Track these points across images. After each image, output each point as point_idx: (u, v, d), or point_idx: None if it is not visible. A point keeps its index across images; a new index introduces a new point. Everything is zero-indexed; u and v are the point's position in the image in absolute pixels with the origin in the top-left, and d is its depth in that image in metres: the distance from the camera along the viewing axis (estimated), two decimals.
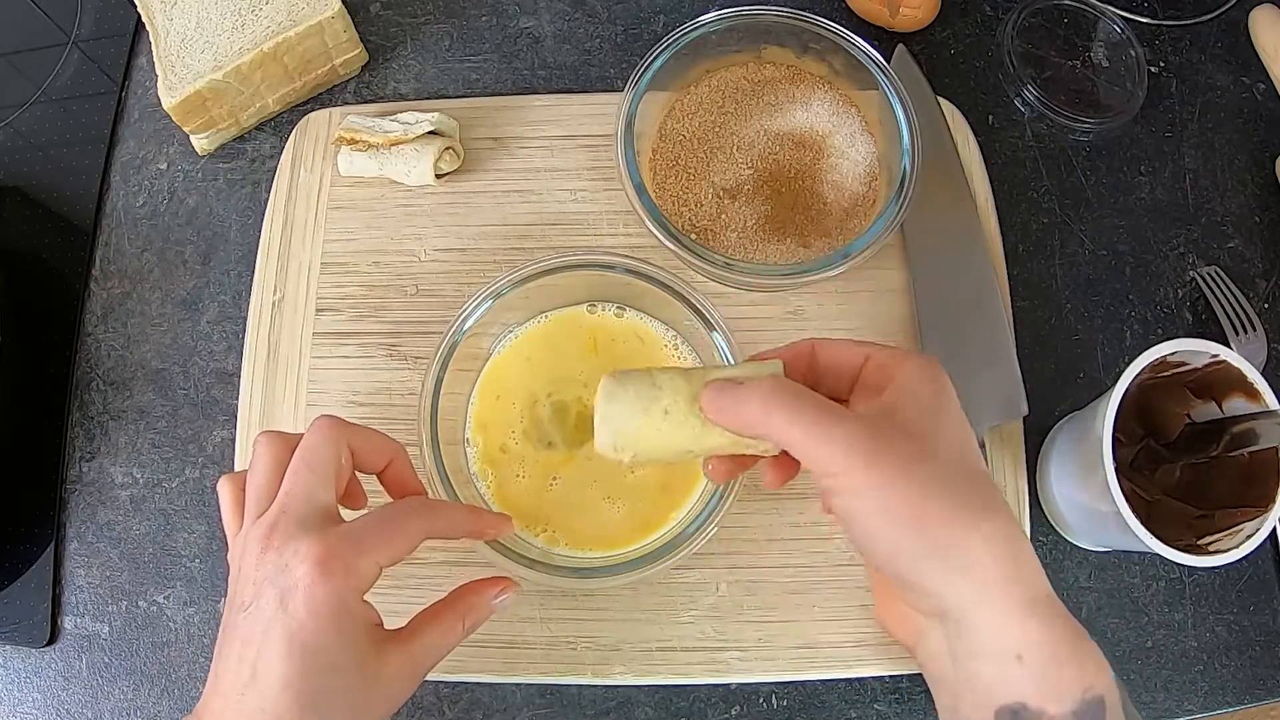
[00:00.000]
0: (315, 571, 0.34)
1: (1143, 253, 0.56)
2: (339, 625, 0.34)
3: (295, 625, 0.33)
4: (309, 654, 0.33)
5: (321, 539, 0.34)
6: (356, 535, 0.35)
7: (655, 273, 0.48)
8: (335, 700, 0.34)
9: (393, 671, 0.36)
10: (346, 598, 0.34)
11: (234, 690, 0.34)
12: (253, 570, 0.35)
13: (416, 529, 0.37)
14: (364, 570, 0.35)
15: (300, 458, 0.37)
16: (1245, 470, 0.43)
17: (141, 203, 0.59)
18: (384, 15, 0.62)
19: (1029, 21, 0.60)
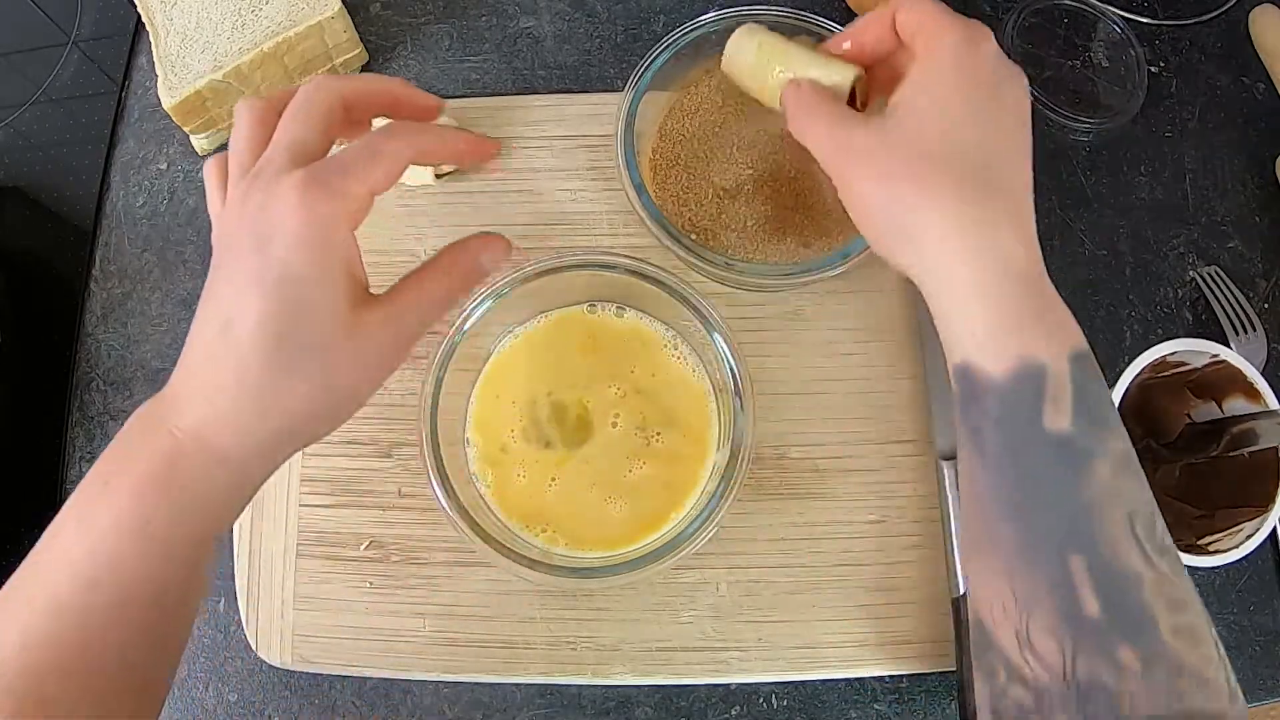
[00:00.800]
0: (296, 198, 0.31)
1: (1143, 253, 0.56)
2: (319, 256, 0.31)
3: (274, 260, 0.31)
4: (285, 291, 0.31)
5: (305, 170, 0.32)
6: (340, 160, 0.33)
7: (655, 273, 0.48)
8: (308, 350, 0.31)
9: (374, 325, 0.33)
10: (331, 225, 0.31)
11: (202, 351, 0.32)
12: (234, 224, 0.32)
13: (402, 147, 0.34)
14: (351, 192, 0.32)
15: (289, 112, 0.34)
16: (1245, 470, 0.43)
17: (141, 203, 0.59)
18: (384, 15, 0.62)
19: (1029, 21, 0.60)
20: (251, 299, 0.31)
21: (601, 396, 0.49)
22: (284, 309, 0.31)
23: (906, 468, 0.50)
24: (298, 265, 0.31)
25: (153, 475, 0.31)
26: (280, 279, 0.31)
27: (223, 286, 0.32)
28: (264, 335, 0.31)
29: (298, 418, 0.32)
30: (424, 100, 0.38)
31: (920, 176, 0.33)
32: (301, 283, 0.31)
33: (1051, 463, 0.30)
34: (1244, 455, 0.43)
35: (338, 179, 0.32)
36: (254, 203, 0.32)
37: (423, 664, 0.48)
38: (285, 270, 0.31)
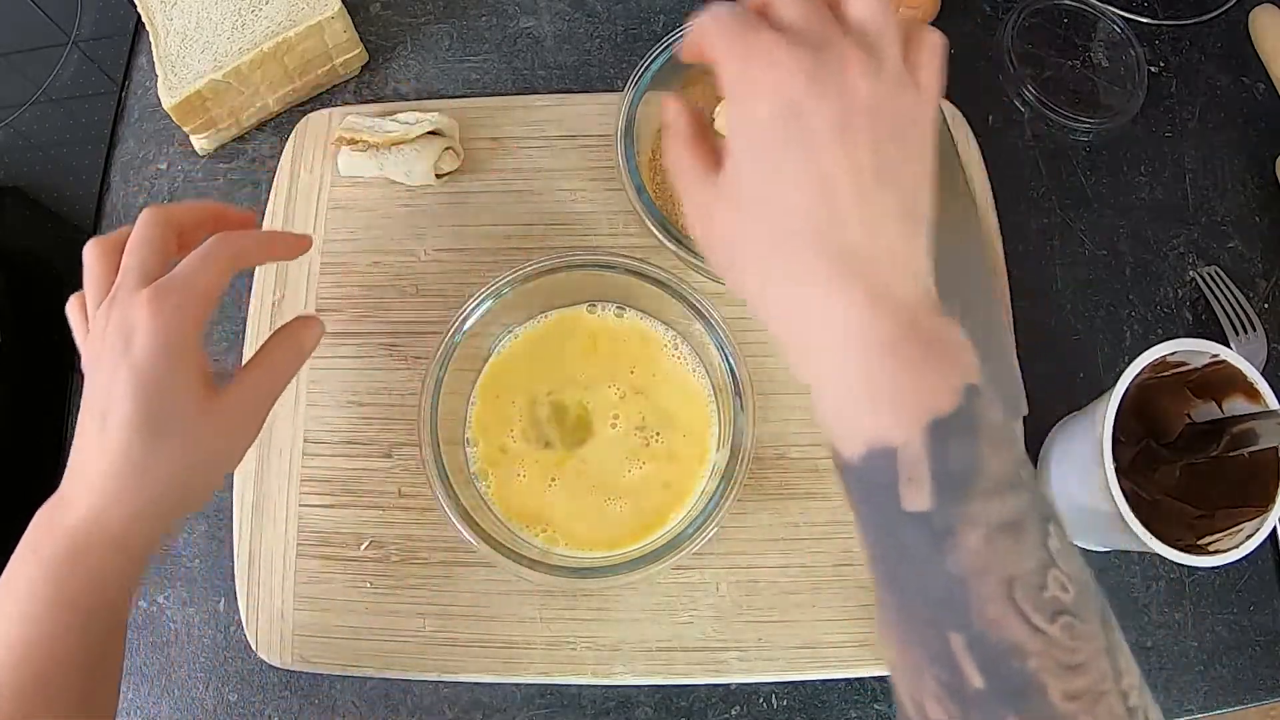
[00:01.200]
0: (147, 306, 0.37)
1: (1143, 253, 0.56)
2: (174, 357, 0.37)
3: (136, 362, 0.36)
4: (149, 387, 0.37)
5: (151, 285, 0.38)
6: (177, 274, 0.39)
7: (655, 273, 0.48)
8: (174, 425, 0.37)
9: (227, 408, 0.39)
10: (181, 331, 0.37)
11: (86, 446, 0.38)
12: (99, 342, 0.38)
13: (227, 255, 0.40)
14: (192, 301, 0.38)
15: (130, 246, 0.40)
16: (1245, 470, 0.43)
17: (141, 203, 0.58)
18: (384, 15, 0.62)
19: (1029, 21, 0.60)
20: (121, 393, 0.37)
21: (601, 396, 0.49)
22: (148, 396, 0.37)
23: None
24: (155, 358, 0.37)
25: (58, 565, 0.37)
26: (143, 372, 0.37)
27: (96, 391, 0.38)
28: (135, 420, 0.36)
29: (172, 486, 0.38)
30: (241, 215, 0.45)
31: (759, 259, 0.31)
32: (160, 371, 0.37)
33: (915, 541, 0.28)
34: (1244, 455, 0.43)
35: (178, 284, 0.38)
36: (113, 320, 0.38)
37: (423, 664, 0.48)
38: (146, 364, 0.37)
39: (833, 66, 0.29)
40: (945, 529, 0.28)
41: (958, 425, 0.28)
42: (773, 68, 0.29)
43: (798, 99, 0.29)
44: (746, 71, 0.30)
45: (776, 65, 0.29)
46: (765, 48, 0.29)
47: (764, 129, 0.30)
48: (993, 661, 0.27)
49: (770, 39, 0.30)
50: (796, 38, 0.30)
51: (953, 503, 0.28)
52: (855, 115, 0.30)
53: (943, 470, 0.28)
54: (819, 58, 0.29)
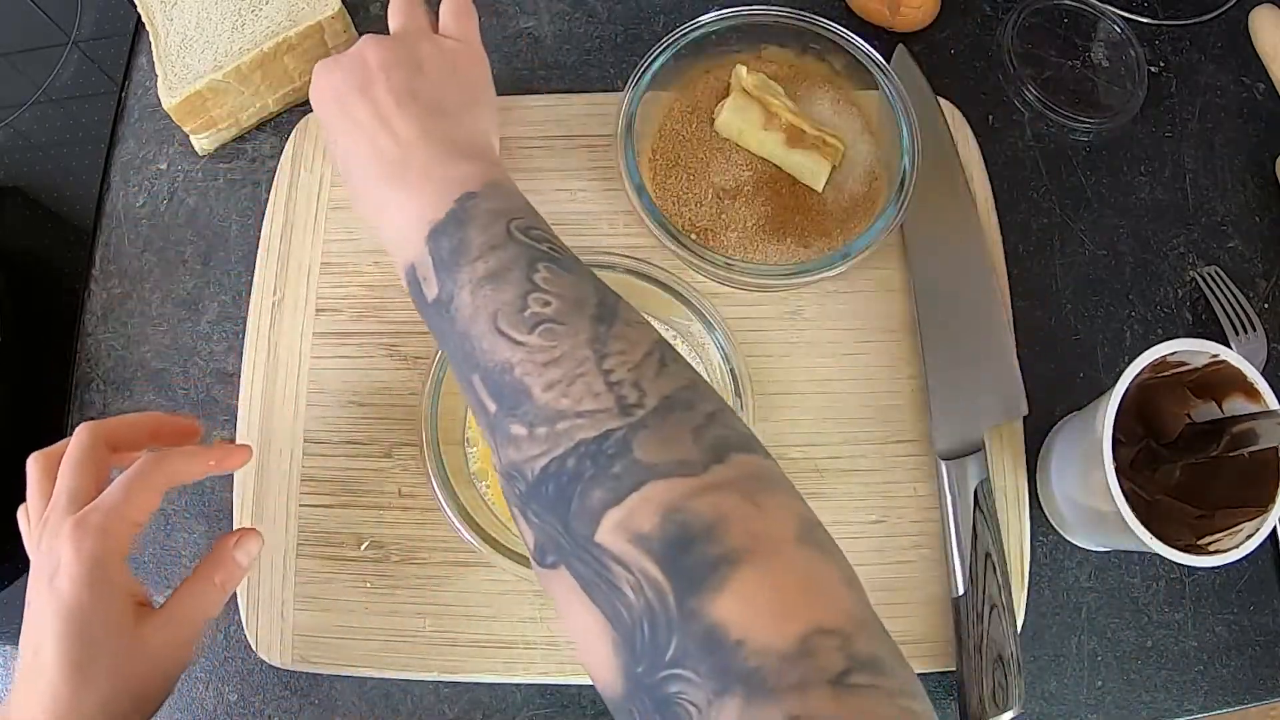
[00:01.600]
0: (71, 543, 0.37)
1: (1143, 253, 0.56)
2: (96, 591, 0.37)
3: (61, 598, 0.36)
4: (73, 623, 0.36)
5: (74, 518, 0.38)
6: (102, 502, 0.38)
7: (655, 273, 0.48)
8: (101, 667, 0.36)
9: (155, 638, 0.38)
10: (103, 562, 0.37)
11: (23, 679, 0.37)
12: (34, 563, 0.38)
13: (153, 481, 0.40)
14: (115, 530, 0.38)
15: (64, 465, 0.40)
16: (1245, 470, 0.43)
17: (141, 203, 0.59)
18: (384, 15, 0.62)
19: (1029, 21, 0.60)
20: (48, 629, 0.36)
21: None
22: (72, 634, 0.36)
23: (906, 468, 0.50)
24: (77, 597, 0.36)
25: None
26: (66, 610, 0.36)
27: (32, 617, 0.38)
28: (63, 656, 0.36)
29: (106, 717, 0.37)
30: (181, 424, 0.45)
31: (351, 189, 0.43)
32: (83, 610, 0.36)
33: (438, 319, 0.36)
34: (1244, 455, 0.43)
35: (100, 519, 0.38)
36: (45, 545, 0.38)
37: (423, 664, 0.48)
38: (69, 602, 0.36)
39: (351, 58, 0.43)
40: (447, 299, 0.35)
41: (447, 225, 0.36)
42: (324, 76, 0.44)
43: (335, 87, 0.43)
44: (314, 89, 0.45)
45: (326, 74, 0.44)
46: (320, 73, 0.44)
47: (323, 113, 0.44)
48: (495, 384, 0.33)
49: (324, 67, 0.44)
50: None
51: (448, 277, 0.35)
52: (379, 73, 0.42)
53: (439, 261, 0.36)
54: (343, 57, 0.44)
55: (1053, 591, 0.50)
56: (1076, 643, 0.49)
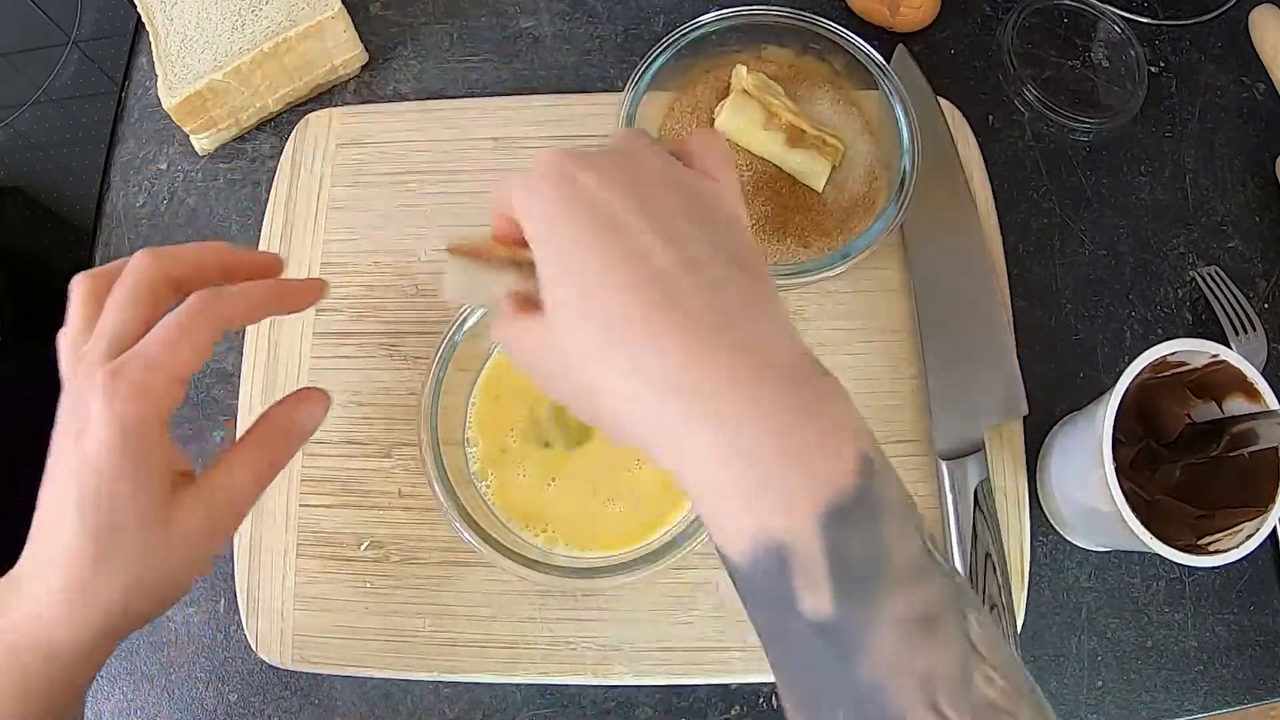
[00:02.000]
0: (104, 398, 0.32)
1: (1143, 253, 0.56)
2: (128, 453, 0.32)
3: (87, 457, 0.32)
4: (98, 493, 0.32)
5: (112, 366, 0.32)
6: (143, 351, 0.33)
7: None
8: (124, 549, 0.32)
9: (186, 515, 0.33)
10: (138, 421, 0.32)
11: (39, 536, 0.33)
12: (62, 407, 0.34)
13: (204, 325, 0.33)
14: (156, 387, 0.32)
15: (112, 299, 0.34)
16: (1245, 470, 0.43)
17: (141, 203, 0.59)
18: (384, 15, 0.62)
19: (1029, 21, 0.60)
20: (70, 491, 0.32)
21: None
22: (97, 505, 0.32)
23: (906, 468, 0.50)
24: (108, 461, 0.32)
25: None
26: (93, 476, 0.32)
27: (51, 470, 0.33)
28: (82, 532, 0.32)
29: (115, 606, 0.33)
30: (261, 260, 0.38)
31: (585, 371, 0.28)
32: (112, 478, 0.32)
33: (820, 650, 0.24)
34: (1244, 455, 0.43)
35: (140, 374, 0.32)
36: (75, 391, 0.33)
37: (423, 664, 0.48)
38: (96, 467, 0.32)
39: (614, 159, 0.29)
40: (852, 634, 0.24)
41: (856, 509, 0.24)
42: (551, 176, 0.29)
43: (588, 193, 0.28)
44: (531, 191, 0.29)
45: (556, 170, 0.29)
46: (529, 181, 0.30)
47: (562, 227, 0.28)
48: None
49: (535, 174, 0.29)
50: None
51: (859, 603, 0.24)
52: (653, 187, 0.28)
53: (843, 567, 0.24)
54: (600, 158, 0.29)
55: (1053, 591, 0.50)
56: (1076, 643, 0.49)
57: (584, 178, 0.28)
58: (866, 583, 0.24)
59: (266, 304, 0.36)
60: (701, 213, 0.29)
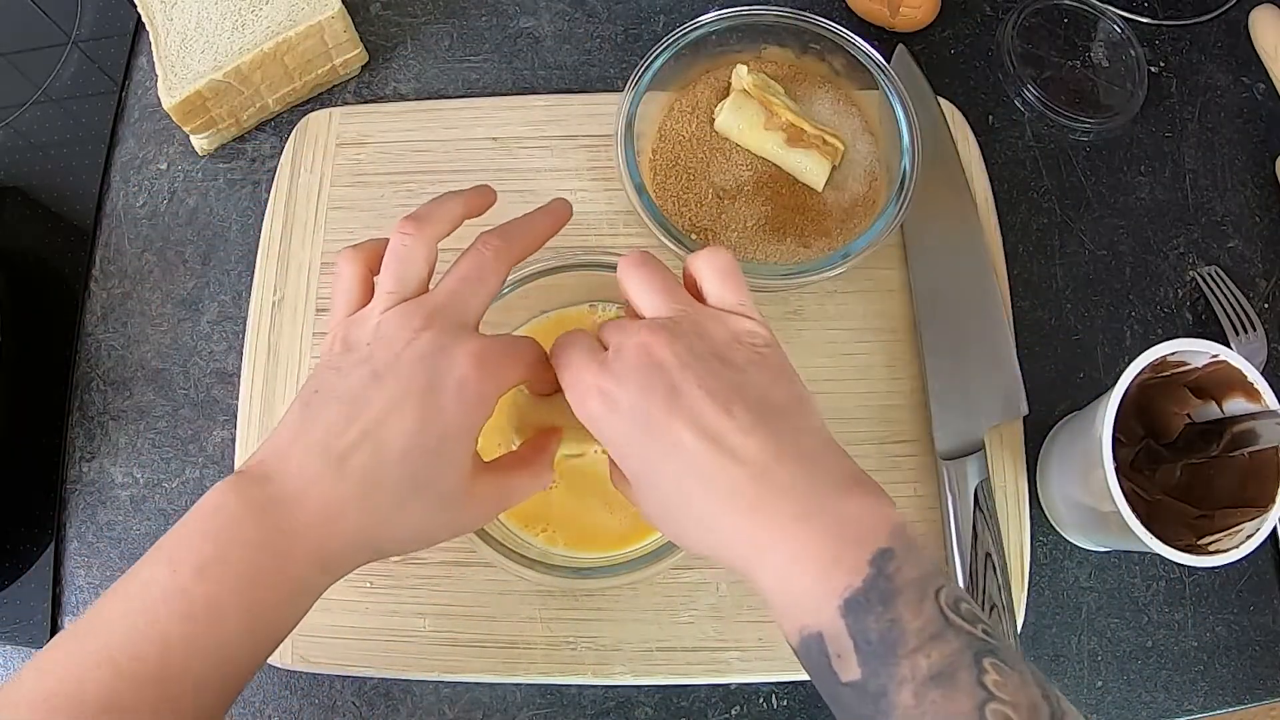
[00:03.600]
0: (476, 366, 0.34)
1: (1143, 253, 0.56)
2: (472, 425, 0.35)
3: (438, 408, 0.34)
4: (436, 437, 0.34)
5: (483, 340, 0.35)
6: (506, 345, 0.36)
7: None
8: (432, 494, 0.34)
9: (482, 493, 0.36)
10: (487, 401, 0.35)
11: (335, 449, 0.33)
12: (400, 341, 0.34)
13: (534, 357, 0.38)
14: (504, 381, 0.36)
15: (467, 272, 0.37)
16: (1245, 470, 0.43)
17: (141, 203, 0.59)
18: (384, 15, 0.62)
19: (1029, 21, 0.60)
20: (407, 429, 0.33)
21: None
22: (431, 449, 0.34)
23: (906, 468, 0.50)
24: (455, 423, 0.34)
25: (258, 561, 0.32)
26: (439, 424, 0.34)
27: (371, 402, 0.34)
28: (408, 465, 0.34)
29: (400, 543, 0.36)
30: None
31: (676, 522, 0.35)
32: (453, 436, 0.34)
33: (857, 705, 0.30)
34: (1244, 455, 0.43)
35: (498, 365, 0.35)
36: (428, 342, 0.34)
37: (423, 664, 0.48)
38: (445, 421, 0.34)
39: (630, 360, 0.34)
40: (879, 692, 0.29)
41: (870, 597, 0.30)
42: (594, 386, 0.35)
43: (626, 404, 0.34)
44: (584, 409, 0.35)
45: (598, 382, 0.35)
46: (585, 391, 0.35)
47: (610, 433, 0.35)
48: None
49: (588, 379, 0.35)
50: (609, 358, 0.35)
51: (881, 668, 0.29)
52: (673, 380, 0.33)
53: (865, 643, 0.29)
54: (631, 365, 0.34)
55: (1053, 591, 0.50)
56: (1076, 643, 0.49)
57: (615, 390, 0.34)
58: (886, 652, 0.29)
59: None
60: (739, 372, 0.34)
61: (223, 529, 0.33)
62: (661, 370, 0.33)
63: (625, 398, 0.33)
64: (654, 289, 0.37)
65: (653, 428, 0.33)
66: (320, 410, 0.34)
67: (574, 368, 0.35)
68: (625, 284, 0.38)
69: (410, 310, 0.35)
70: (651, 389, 0.33)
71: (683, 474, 0.33)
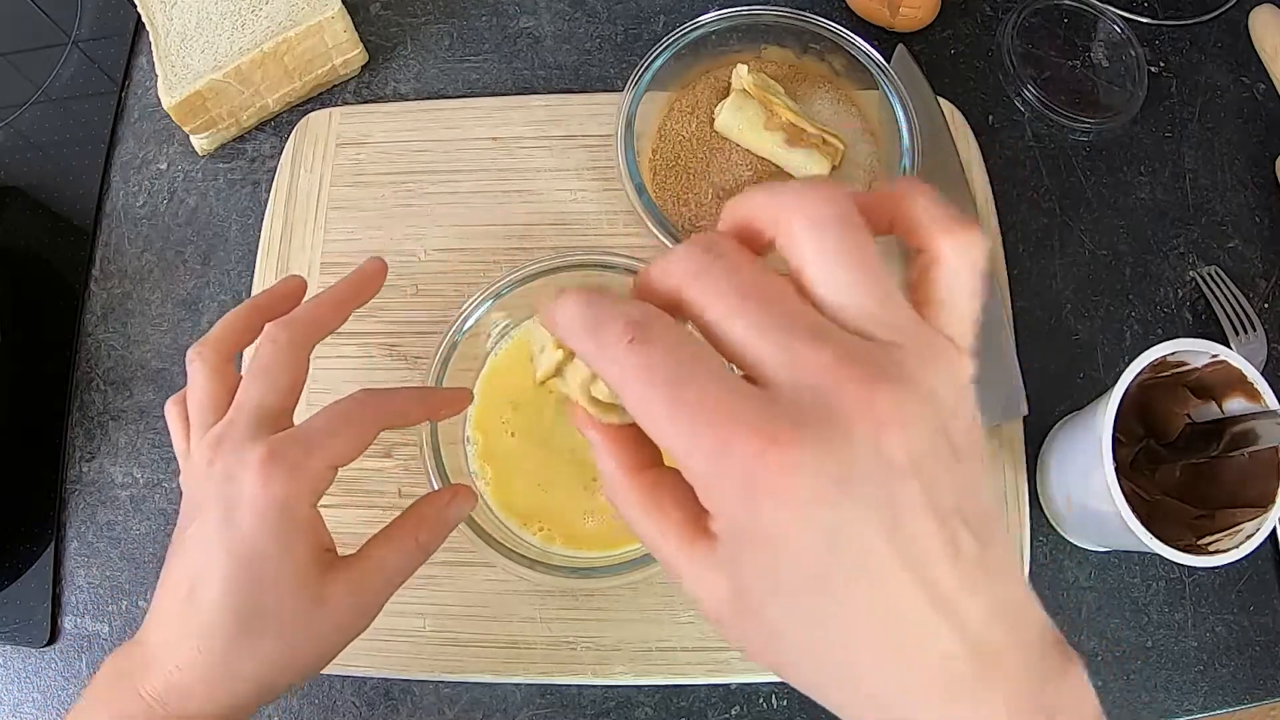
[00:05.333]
0: (259, 477, 0.32)
1: (1143, 253, 0.56)
2: (282, 534, 0.32)
3: (237, 536, 0.32)
4: (248, 567, 0.32)
5: (267, 443, 0.32)
6: (303, 434, 0.33)
7: None
8: (272, 622, 0.32)
9: (339, 595, 0.33)
10: (293, 504, 0.32)
11: (171, 613, 0.33)
12: (199, 485, 0.33)
13: (368, 419, 0.34)
14: (313, 470, 0.33)
15: (252, 371, 0.35)
16: (1245, 470, 0.43)
17: (141, 203, 0.59)
18: (384, 15, 0.62)
19: (1029, 21, 0.60)
20: (215, 570, 0.32)
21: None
22: (247, 583, 0.32)
23: None
24: (260, 543, 0.32)
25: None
26: (243, 554, 0.32)
27: (190, 549, 0.33)
28: (227, 607, 0.32)
29: (261, 682, 0.33)
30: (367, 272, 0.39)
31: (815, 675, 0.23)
32: (264, 559, 0.32)
33: None
34: (1244, 455, 0.43)
35: (299, 456, 0.32)
36: (219, 470, 0.33)
37: (423, 664, 0.48)
38: (248, 546, 0.32)
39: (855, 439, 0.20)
40: None
41: None
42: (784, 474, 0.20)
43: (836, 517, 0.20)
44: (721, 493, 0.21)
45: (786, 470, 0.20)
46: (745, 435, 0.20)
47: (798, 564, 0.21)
48: None
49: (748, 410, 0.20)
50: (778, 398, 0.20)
51: None
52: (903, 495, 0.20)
53: None
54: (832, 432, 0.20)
55: (1053, 591, 0.50)
56: (1076, 643, 0.49)
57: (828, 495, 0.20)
58: None
59: (419, 411, 0.37)
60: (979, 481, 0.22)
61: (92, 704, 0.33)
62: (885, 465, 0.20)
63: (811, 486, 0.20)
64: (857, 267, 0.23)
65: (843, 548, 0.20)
66: (166, 566, 0.34)
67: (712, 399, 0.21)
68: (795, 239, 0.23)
69: (205, 443, 0.34)
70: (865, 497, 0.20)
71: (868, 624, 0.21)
